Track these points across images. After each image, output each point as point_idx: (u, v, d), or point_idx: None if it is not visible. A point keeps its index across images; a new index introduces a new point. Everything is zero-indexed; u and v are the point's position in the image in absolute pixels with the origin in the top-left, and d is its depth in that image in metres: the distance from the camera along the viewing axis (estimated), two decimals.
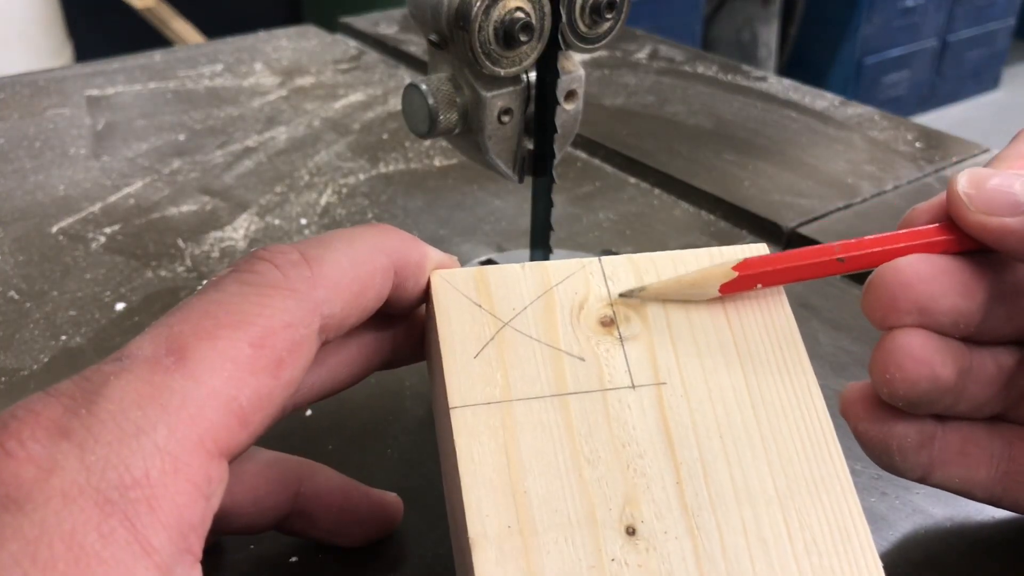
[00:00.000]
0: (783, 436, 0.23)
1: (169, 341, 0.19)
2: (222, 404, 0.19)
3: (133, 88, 0.68)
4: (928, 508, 0.31)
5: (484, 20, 0.31)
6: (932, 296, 0.24)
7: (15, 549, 0.16)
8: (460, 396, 0.23)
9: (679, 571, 0.21)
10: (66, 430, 0.17)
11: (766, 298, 0.25)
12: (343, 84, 0.69)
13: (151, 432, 0.18)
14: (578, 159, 0.58)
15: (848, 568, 0.21)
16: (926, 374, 0.24)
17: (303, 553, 0.29)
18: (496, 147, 0.35)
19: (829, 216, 0.50)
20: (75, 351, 0.39)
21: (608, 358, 0.24)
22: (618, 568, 0.21)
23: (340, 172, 0.55)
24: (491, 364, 0.23)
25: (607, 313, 0.25)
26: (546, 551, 0.21)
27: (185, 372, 0.19)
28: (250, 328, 0.20)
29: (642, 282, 0.25)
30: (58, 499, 0.16)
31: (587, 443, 0.22)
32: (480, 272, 0.25)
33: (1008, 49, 2.73)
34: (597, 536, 0.21)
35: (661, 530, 0.21)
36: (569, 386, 0.23)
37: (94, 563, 0.16)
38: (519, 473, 0.22)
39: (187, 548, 0.18)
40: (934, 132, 0.61)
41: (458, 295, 0.25)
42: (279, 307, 0.20)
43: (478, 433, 0.22)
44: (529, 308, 0.24)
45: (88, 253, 0.46)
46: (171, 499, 0.18)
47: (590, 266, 0.25)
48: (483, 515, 0.21)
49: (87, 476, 0.17)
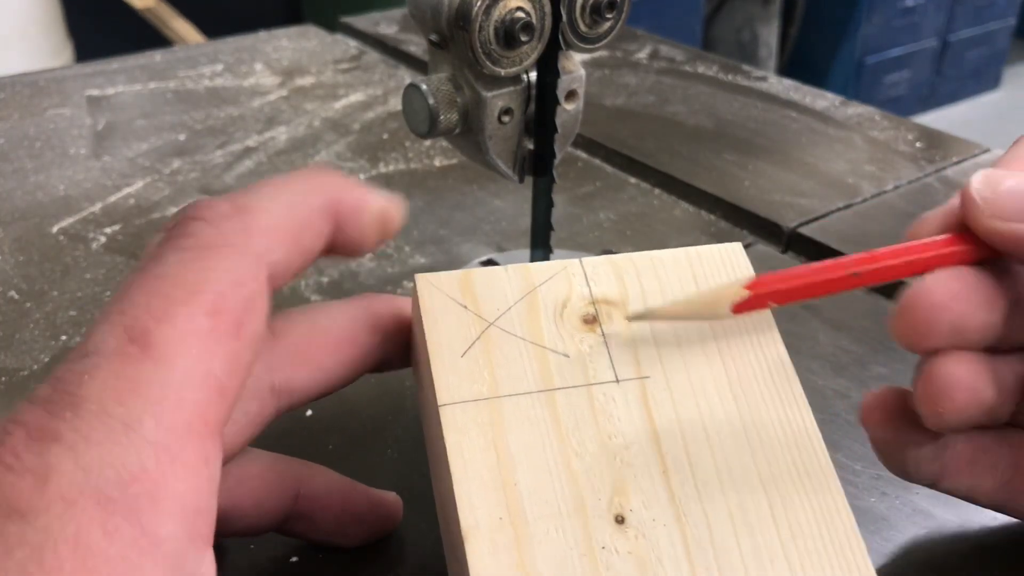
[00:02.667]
0: (764, 426, 0.24)
1: (128, 330, 0.19)
2: (199, 382, 0.19)
3: (133, 88, 0.68)
4: (929, 509, 0.31)
5: (484, 20, 0.31)
6: (965, 314, 0.23)
7: (21, 556, 0.16)
8: (448, 393, 0.23)
9: (668, 557, 0.21)
10: (55, 435, 0.17)
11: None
12: (343, 84, 0.69)
13: (138, 426, 0.18)
14: (578, 159, 0.58)
15: (833, 552, 0.22)
16: (976, 400, 0.24)
17: (303, 553, 0.29)
18: (496, 147, 0.35)
19: (829, 216, 0.50)
20: None
21: (592, 354, 0.24)
22: (608, 555, 0.21)
23: (340, 172, 0.55)
24: (478, 362, 0.24)
25: (589, 311, 0.25)
26: (537, 541, 0.21)
27: (154, 358, 0.18)
28: (202, 297, 0.19)
29: (623, 283, 0.26)
30: (59, 504, 0.16)
31: (574, 436, 0.23)
32: (464, 275, 0.26)
33: (1008, 49, 2.73)
34: (587, 525, 0.22)
35: (649, 518, 0.22)
36: (555, 382, 0.24)
37: (101, 562, 0.16)
38: (508, 467, 0.22)
39: (196, 533, 0.18)
40: (935, 132, 0.61)
41: (443, 297, 0.25)
42: (223, 268, 0.20)
43: (467, 429, 0.23)
44: (513, 308, 0.25)
45: (88, 253, 0.46)
46: (172, 488, 0.18)
47: (571, 267, 0.26)
48: (474, 508, 0.21)
49: (85, 478, 0.17)
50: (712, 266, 0.26)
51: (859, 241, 0.47)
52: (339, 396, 0.36)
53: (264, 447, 0.33)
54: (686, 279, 0.26)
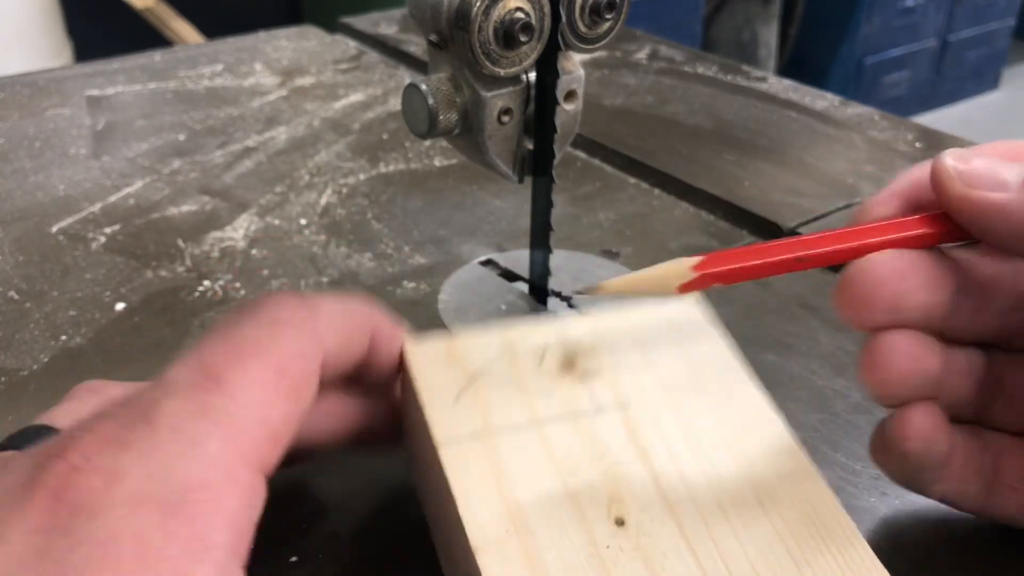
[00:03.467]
0: (742, 435, 0.26)
1: (204, 368, 0.21)
2: (258, 424, 0.21)
3: (133, 88, 0.68)
4: (929, 508, 0.31)
5: (484, 20, 0.31)
6: (904, 292, 0.24)
7: (86, 552, 0.17)
8: (444, 434, 0.25)
9: (671, 550, 0.23)
10: (127, 443, 0.19)
11: (704, 338, 0.29)
12: (343, 84, 0.69)
13: (205, 443, 0.19)
14: (578, 159, 0.58)
15: (826, 539, 0.23)
16: (918, 369, 0.25)
17: (303, 553, 0.29)
18: (496, 147, 0.35)
19: (829, 216, 0.50)
20: (75, 351, 0.39)
21: (573, 392, 0.27)
22: (614, 553, 0.22)
23: (340, 172, 0.55)
24: (469, 407, 0.26)
25: (567, 358, 0.28)
26: (544, 548, 0.22)
27: (224, 394, 0.21)
28: (271, 358, 0.22)
29: (596, 333, 0.28)
30: (124, 504, 0.18)
31: (567, 458, 0.25)
32: (448, 338, 0.28)
33: (1008, 49, 2.73)
34: (590, 530, 0.23)
35: (648, 519, 0.23)
36: (542, 416, 0.26)
37: (159, 560, 0.18)
38: (508, 488, 0.24)
39: (239, 552, 0.19)
40: (934, 132, 0.61)
41: (431, 357, 0.27)
42: (290, 339, 0.23)
43: (465, 461, 0.24)
44: (497, 362, 0.27)
45: (88, 253, 0.46)
46: (226, 503, 0.19)
47: (547, 325, 0.29)
48: (480, 525, 0.23)
49: (151, 483, 0.18)
50: (673, 316, 0.29)
51: None
52: None
53: None
54: (658, 328, 0.29)
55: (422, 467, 0.28)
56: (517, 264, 0.44)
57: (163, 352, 0.38)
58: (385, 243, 0.47)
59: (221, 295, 0.43)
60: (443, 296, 0.42)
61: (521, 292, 0.42)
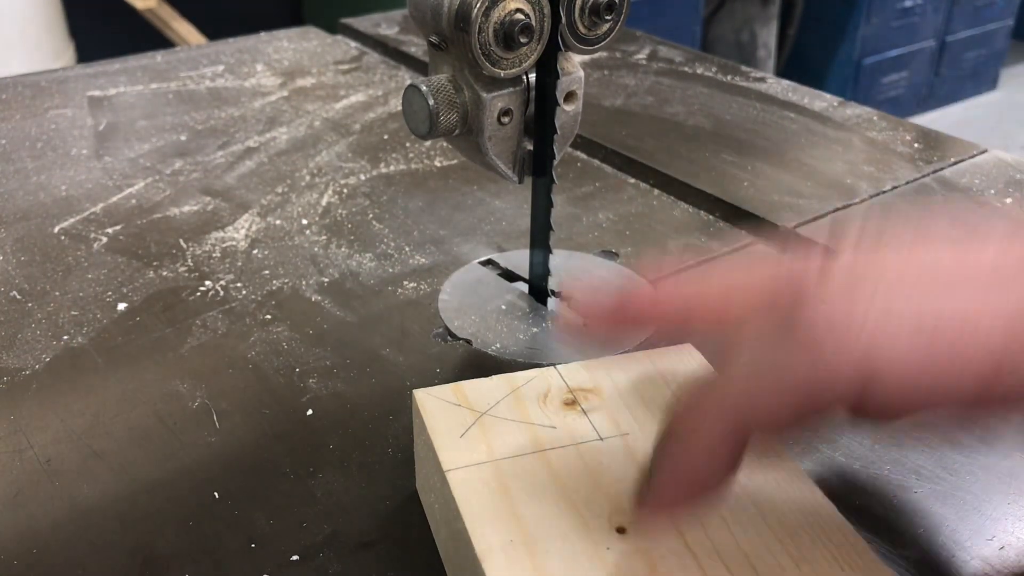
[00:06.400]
0: None
1: None
2: None
3: (135, 89, 0.68)
4: (929, 509, 0.31)
5: (484, 22, 0.31)
6: None
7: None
8: (452, 462, 0.26)
9: (673, 552, 0.24)
10: None
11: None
12: (344, 85, 0.70)
13: None
14: (578, 159, 0.58)
15: (822, 537, 0.24)
16: None
17: (303, 552, 0.29)
18: (496, 148, 0.35)
19: (828, 216, 0.50)
20: (77, 351, 0.39)
21: (575, 424, 0.28)
22: (616, 555, 0.24)
23: (341, 172, 0.55)
24: (475, 439, 0.27)
25: (568, 396, 0.29)
26: (548, 553, 0.24)
27: None
28: None
29: (595, 376, 0.30)
30: None
31: (569, 479, 0.26)
32: (455, 384, 0.30)
33: (1006, 49, 2.73)
34: (592, 538, 0.24)
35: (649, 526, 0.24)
36: (545, 445, 0.27)
37: None
38: (513, 505, 0.25)
39: None
40: (932, 133, 0.61)
41: (438, 401, 0.29)
42: None
43: (472, 483, 0.26)
44: (502, 402, 0.29)
45: (90, 253, 0.47)
46: None
47: (548, 371, 0.31)
48: (486, 535, 0.24)
49: None
50: (670, 361, 0.31)
51: None
52: (339, 395, 0.36)
53: (263, 446, 0.33)
54: (649, 371, 0.30)
55: (430, 499, 0.29)
56: (517, 264, 0.44)
57: (164, 352, 0.38)
58: (386, 243, 0.47)
59: (222, 295, 0.43)
60: (443, 296, 0.42)
61: (521, 292, 0.42)
